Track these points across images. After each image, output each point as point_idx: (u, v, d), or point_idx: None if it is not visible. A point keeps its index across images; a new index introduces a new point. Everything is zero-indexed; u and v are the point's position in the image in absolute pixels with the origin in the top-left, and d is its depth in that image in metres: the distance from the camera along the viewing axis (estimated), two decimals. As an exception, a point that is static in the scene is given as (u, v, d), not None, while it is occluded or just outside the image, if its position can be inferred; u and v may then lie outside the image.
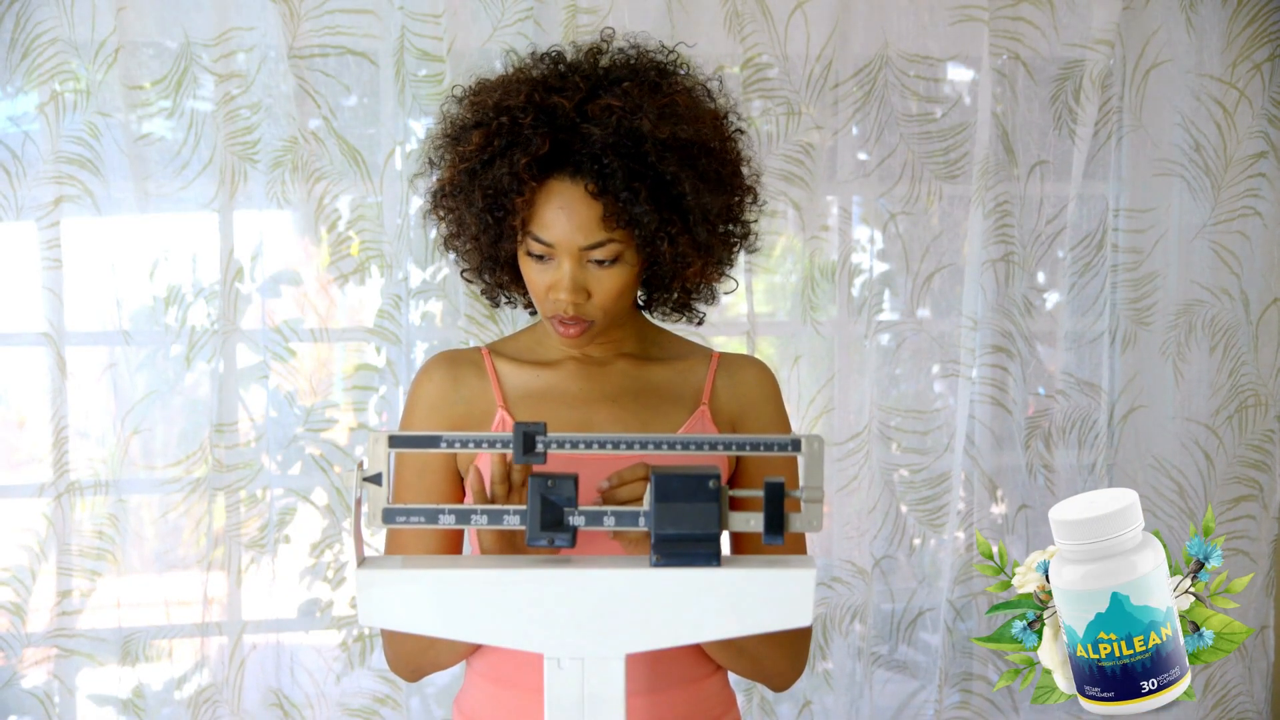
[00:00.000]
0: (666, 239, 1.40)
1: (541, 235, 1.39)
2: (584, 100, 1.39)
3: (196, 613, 2.28)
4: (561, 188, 1.39)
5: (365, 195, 2.28)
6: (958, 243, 2.49)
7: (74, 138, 2.18)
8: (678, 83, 1.44)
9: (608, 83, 1.41)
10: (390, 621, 1.15)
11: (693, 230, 1.41)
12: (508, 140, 1.39)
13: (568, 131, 1.38)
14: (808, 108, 2.39)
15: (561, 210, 1.38)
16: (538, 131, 1.37)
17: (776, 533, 1.13)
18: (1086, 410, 2.53)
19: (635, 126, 1.37)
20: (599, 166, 1.37)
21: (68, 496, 2.21)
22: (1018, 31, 2.44)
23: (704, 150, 1.41)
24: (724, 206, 1.44)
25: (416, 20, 2.24)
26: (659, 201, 1.38)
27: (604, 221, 1.38)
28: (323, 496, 2.32)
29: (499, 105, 1.41)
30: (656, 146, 1.37)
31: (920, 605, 2.53)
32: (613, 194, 1.37)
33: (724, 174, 1.44)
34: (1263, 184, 2.53)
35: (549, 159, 1.38)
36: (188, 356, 2.25)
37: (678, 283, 1.48)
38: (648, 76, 1.42)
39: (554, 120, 1.38)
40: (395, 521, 1.15)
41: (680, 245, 1.41)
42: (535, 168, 1.37)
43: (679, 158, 1.38)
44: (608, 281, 1.41)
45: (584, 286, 1.41)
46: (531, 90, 1.40)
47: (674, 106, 1.40)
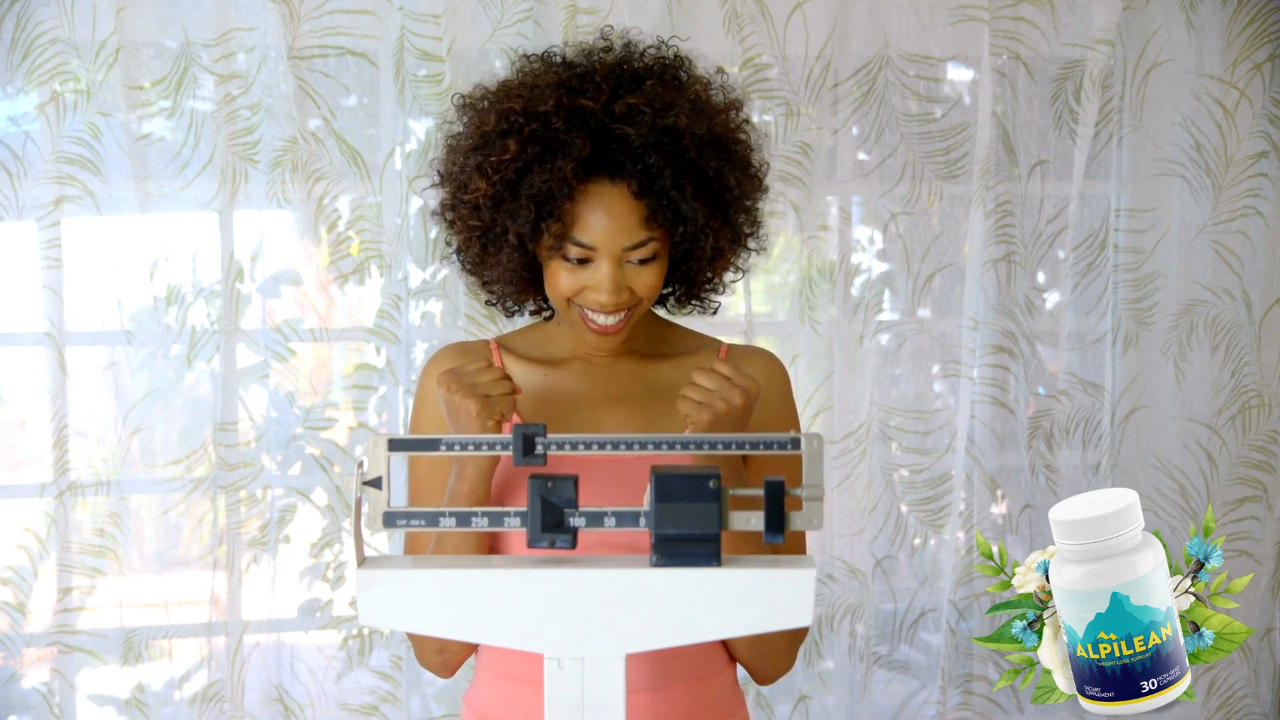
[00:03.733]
0: (712, 233, 1.41)
1: (582, 239, 1.39)
2: (609, 100, 1.39)
3: (197, 612, 2.28)
4: (601, 190, 1.39)
5: (365, 195, 2.28)
6: (958, 243, 2.49)
7: (74, 138, 2.18)
8: (697, 78, 1.45)
9: (628, 81, 1.41)
10: (390, 621, 1.15)
11: (734, 222, 1.44)
12: (543, 146, 1.38)
13: (600, 133, 1.38)
14: (807, 108, 2.39)
15: (605, 213, 1.38)
16: (575, 135, 1.37)
17: (777, 531, 1.13)
18: (1090, 410, 2.53)
19: (671, 124, 1.37)
20: (642, 167, 1.37)
21: (68, 496, 2.21)
22: (1018, 31, 2.44)
23: (736, 141, 1.43)
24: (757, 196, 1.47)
25: (416, 20, 2.24)
26: (702, 197, 1.40)
27: (646, 221, 1.39)
28: (323, 496, 2.32)
29: (527, 111, 1.39)
30: (695, 142, 1.38)
31: (922, 606, 2.53)
32: (656, 193, 1.37)
33: (753, 165, 1.46)
34: (1264, 184, 2.53)
35: (587, 161, 1.38)
36: (188, 356, 2.25)
37: (703, 275, 1.49)
38: (667, 74, 1.43)
39: (585, 123, 1.38)
40: (396, 525, 1.14)
41: (723, 238, 1.43)
42: (581, 171, 1.37)
43: (718, 151, 1.40)
44: (647, 277, 1.42)
45: (625, 286, 1.41)
46: (558, 94, 1.39)
47: (701, 101, 1.41)
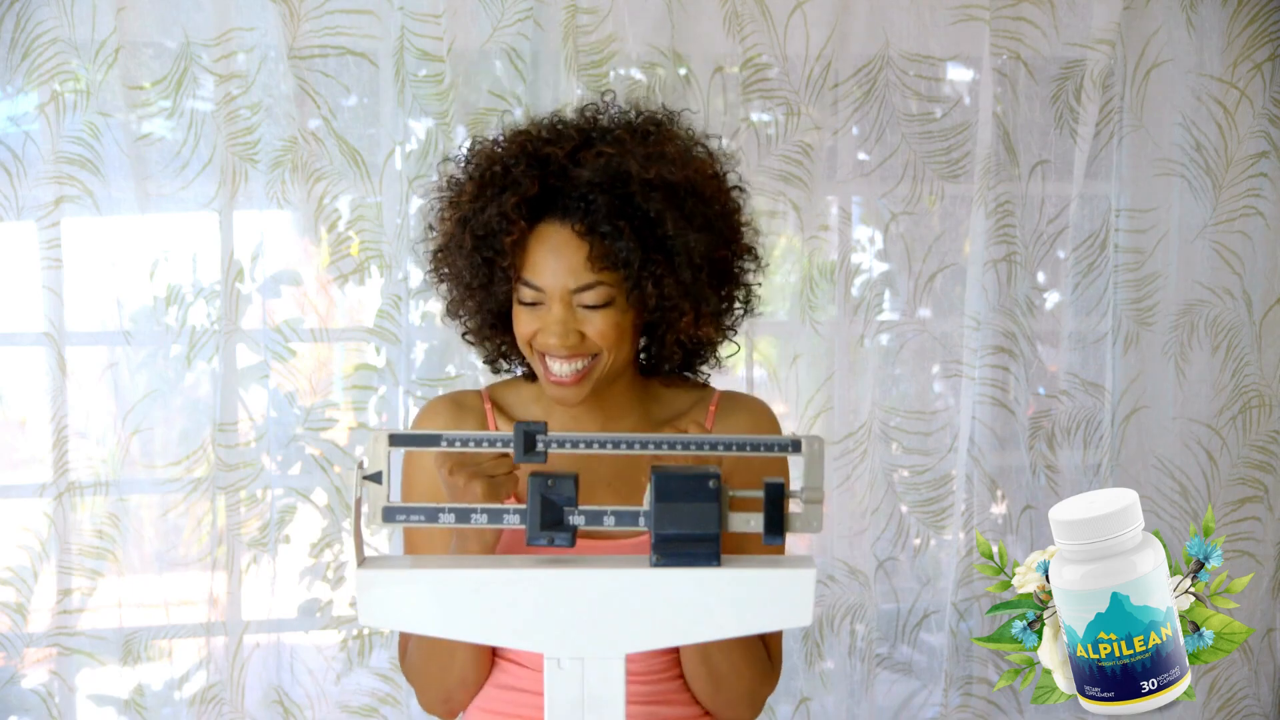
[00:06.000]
0: (652, 279, 1.39)
1: (532, 279, 1.41)
2: (577, 149, 1.41)
3: (197, 612, 2.28)
4: (550, 230, 1.40)
5: (365, 195, 2.28)
6: (959, 243, 2.49)
7: (74, 138, 2.18)
8: (671, 133, 1.45)
9: (601, 134, 1.43)
10: (390, 621, 1.15)
11: (678, 271, 1.40)
12: (499, 186, 1.41)
13: (559, 177, 1.40)
14: (807, 108, 2.39)
15: (550, 252, 1.39)
16: (528, 175, 1.39)
17: (777, 533, 1.13)
18: (1091, 411, 2.52)
19: (623, 168, 1.38)
20: (585, 205, 1.38)
21: (68, 496, 2.21)
22: (1018, 31, 2.44)
23: (691, 192, 1.41)
24: (713, 253, 1.43)
25: (416, 20, 2.24)
26: (644, 240, 1.39)
27: (591, 262, 1.38)
28: (323, 496, 2.32)
29: (492, 156, 1.43)
30: (642, 185, 1.38)
31: (925, 607, 2.53)
32: (598, 233, 1.37)
33: (712, 218, 1.43)
34: (1264, 184, 2.53)
35: (540, 203, 1.40)
36: (188, 356, 2.25)
37: (672, 335, 1.46)
38: (642, 128, 1.44)
39: (546, 167, 1.40)
40: (395, 520, 1.14)
41: (666, 287, 1.40)
42: (524, 208, 1.39)
43: (664, 196, 1.39)
44: (600, 323, 1.41)
45: (574, 329, 1.40)
46: (525, 142, 1.43)
47: (663, 151, 1.41)
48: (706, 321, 1.46)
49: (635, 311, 1.43)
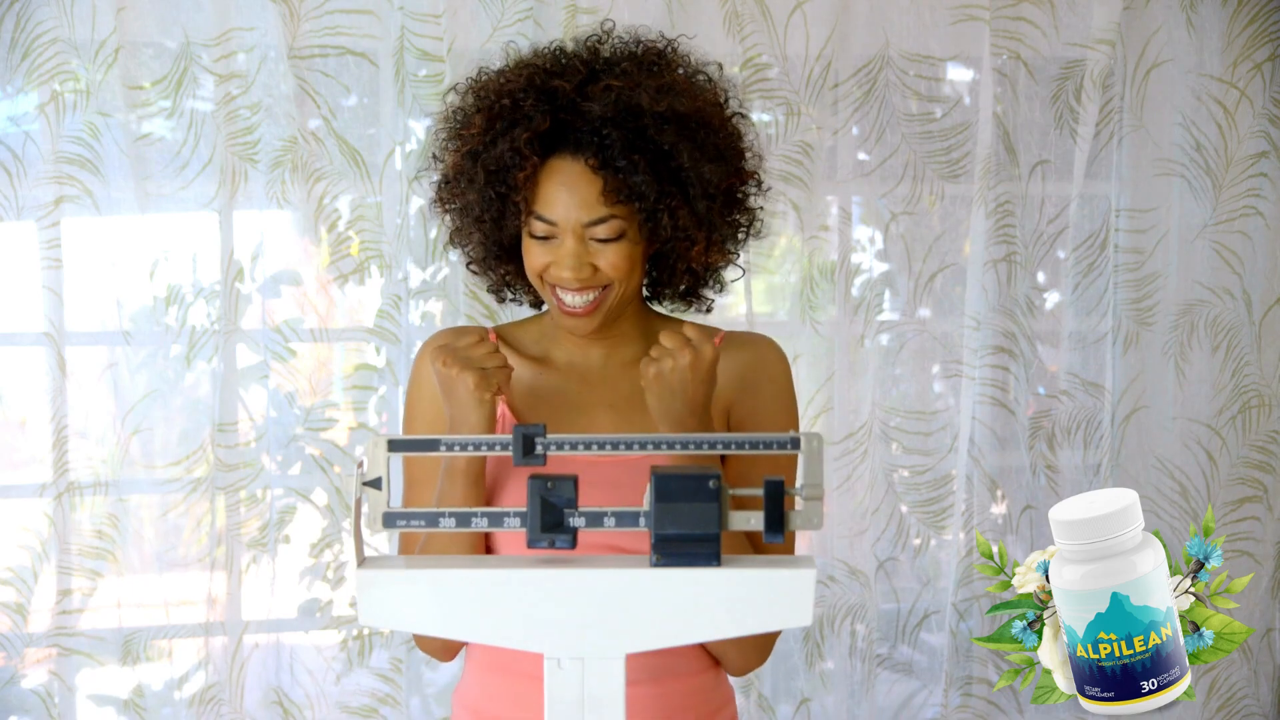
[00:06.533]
0: (667, 211, 1.40)
1: (544, 213, 1.41)
2: (584, 82, 1.41)
3: (196, 612, 2.28)
4: (563, 165, 1.40)
5: (365, 195, 2.28)
6: (959, 243, 2.49)
7: (74, 138, 2.18)
8: (675, 64, 1.46)
9: (607, 66, 1.43)
10: (390, 621, 1.15)
11: (692, 203, 1.42)
12: (509, 120, 1.40)
13: (568, 111, 1.40)
14: (807, 108, 2.39)
15: (563, 187, 1.40)
16: (539, 110, 1.39)
17: (777, 531, 1.13)
18: (1091, 411, 2.52)
19: (634, 101, 1.38)
20: (598, 140, 1.38)
21: (68, 496, 2.21)
22: (1018, 31, 2.44)
23: (702, 124, 1.42)
24: (725, 182, 1.44)
25: (416, 20, 2.24)
26: (658, 173, 1.39)
27: (605, 196, 1.39)
28: (323, 496, 2.31)
29: (500, 89, 1.43)
30: (655, 119, 1.39)
31: (925, 607, 2.52)
32: (612, 167, 1.38)
33: (721, 147, 1.44)
34: (1264, 184, 2.53)
35: (551, 137, 1.40)
36: (188, 356, 2.25)
37: (682, 264, 1.48)
38: (646, 58, 1.44)
39: (554, 101, 1.40)
40: (395, 526, 1.14)
41: (680, 218, 1.42)
42: (537, 143, 1.39)
43: (677, 129, 1.40)
44: (612, 256, 1.41)
45: (587, 262, 1.41)
46: (532, 75, 1.42)
47: (672, 83, 1.41)
48: (716, 249, 1.47)
49: (646, 242, 1.44)
